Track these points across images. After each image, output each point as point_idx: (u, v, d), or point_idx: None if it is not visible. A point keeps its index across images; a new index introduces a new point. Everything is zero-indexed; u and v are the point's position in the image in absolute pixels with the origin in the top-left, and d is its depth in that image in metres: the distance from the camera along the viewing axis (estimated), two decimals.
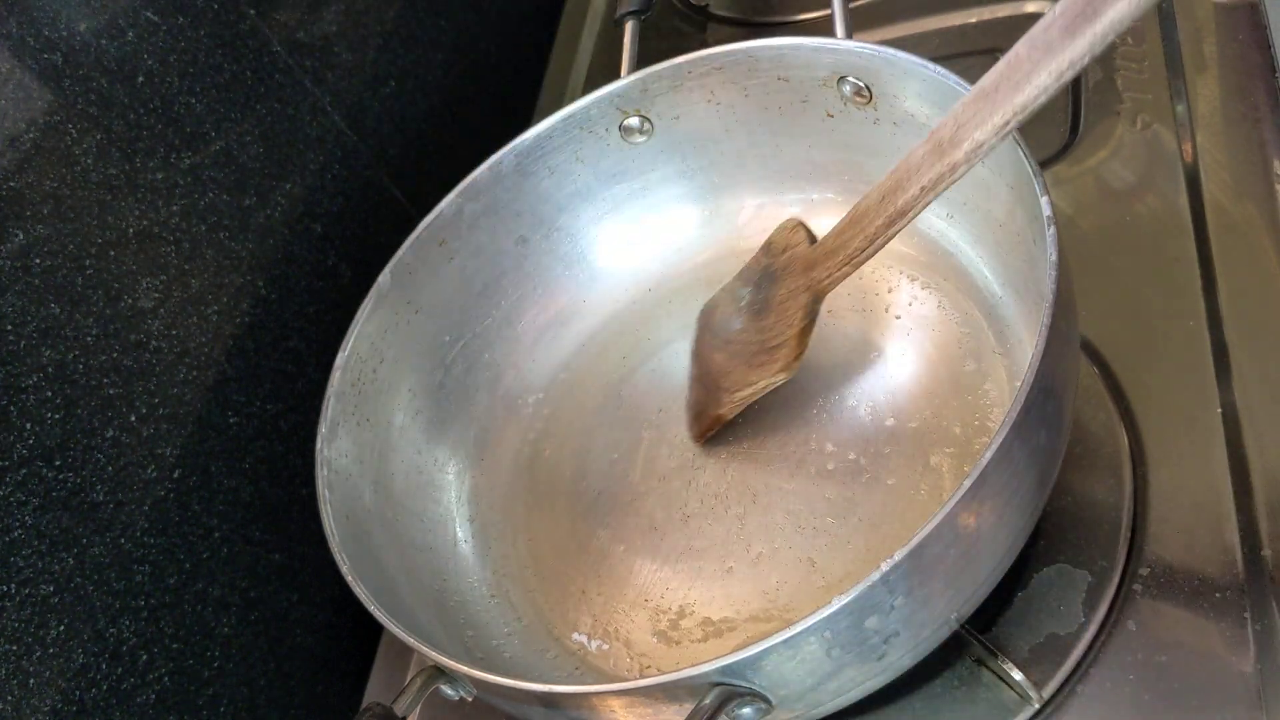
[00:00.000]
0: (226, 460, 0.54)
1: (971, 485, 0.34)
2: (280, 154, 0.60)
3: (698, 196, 0.62)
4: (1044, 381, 0.36)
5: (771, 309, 0.52)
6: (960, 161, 0.41)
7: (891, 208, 0.44)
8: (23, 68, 0.47)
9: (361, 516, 0.50)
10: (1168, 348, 0.50)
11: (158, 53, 0.53)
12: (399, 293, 0.56)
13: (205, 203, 0.55)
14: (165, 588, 0.49)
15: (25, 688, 0.42)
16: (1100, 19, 0.35)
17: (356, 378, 0.53)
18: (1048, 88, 0.37)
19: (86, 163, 0.49)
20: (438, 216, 0.57)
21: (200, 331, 0.53)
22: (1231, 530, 0.44)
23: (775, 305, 0.51)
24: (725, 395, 0.53)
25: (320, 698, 0.58)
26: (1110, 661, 0.43)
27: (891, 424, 0.50)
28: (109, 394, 0.48)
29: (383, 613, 0.42)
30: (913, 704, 0.44)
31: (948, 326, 0.52)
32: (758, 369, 0.51)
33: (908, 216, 0.44)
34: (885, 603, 0.35)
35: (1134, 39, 0.62)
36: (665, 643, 0.48)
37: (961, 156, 0.41)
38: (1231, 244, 0.51)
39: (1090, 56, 0.36)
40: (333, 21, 0.66)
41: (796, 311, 0.50)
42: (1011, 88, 0.38)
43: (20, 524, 0.43)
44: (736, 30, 0.80)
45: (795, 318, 0.50)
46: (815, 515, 0.49)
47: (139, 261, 0.51)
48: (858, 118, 0.52)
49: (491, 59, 0.82)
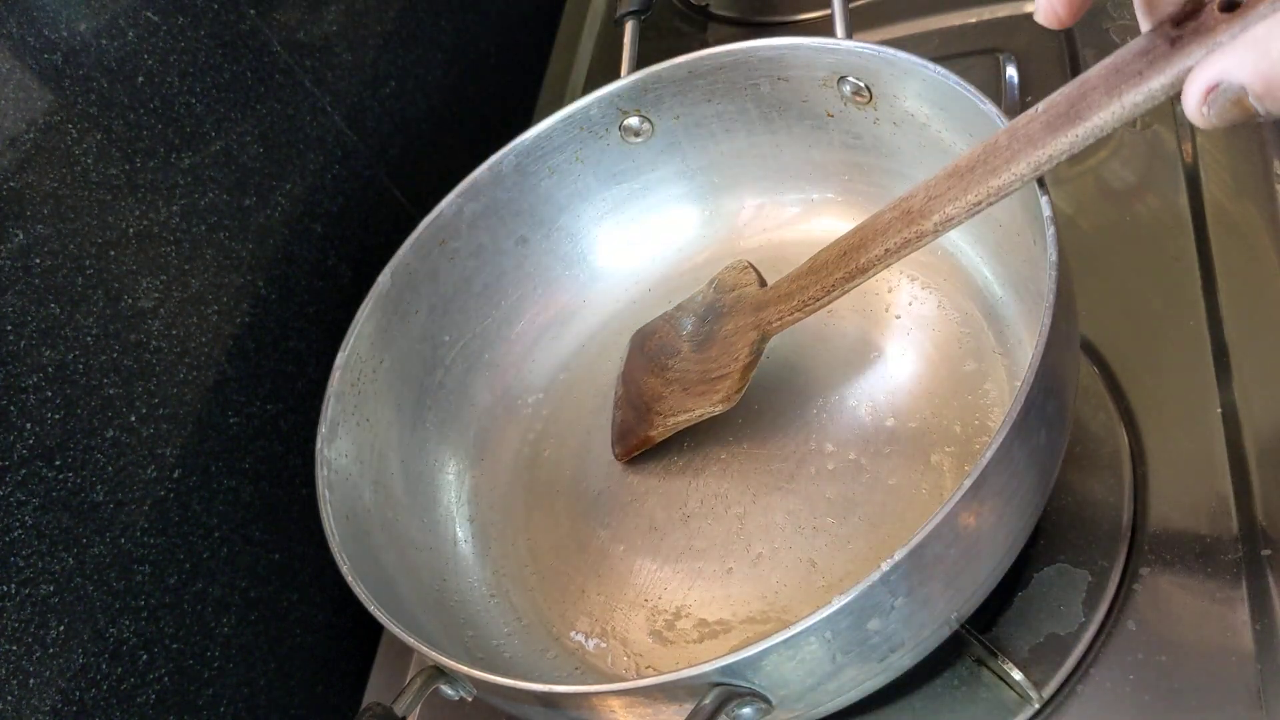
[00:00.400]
0: (226, 460, 0.54)
1: (971, 485, 0.34)
2: (280, 154, 0.60)
3: (698, 196, 0.62)
4: (1044, 381, 0.36)
5: (716, 342, 0.53)
6: (928, 232, 0.42)
7: (852, 264, 0.45)
8: (23, 68, 0.47)
9: (361, 516, 0.50)
10: (1168, 348, 0.50)
11: (158, 53, 0.53)
12: (399, 293, 0.56)
13: (205, 203, 0.55)
14: (165, 588, 0.49)
15: (25, 688, 0.42)
16: (1083, 123, 0.36)
17: (356, 378, 0.53)
18: (1024, 177, 0.38)
19: (86, 163, 0.49)
20: (438, 216, 0.57)
21: (200, 331, 0.53)
22: (1231, 530, 0.44)
23: (720, 339, 0.53)
24: (658, 418, 0.54)
25: (320, 698, 0.58)
26: (1110, 661, 0.43)
27: (892, 424, 0.50)
28: (109, 394, 0.48)
29: (383, 613, 0.42)
30: (913, 704, 0.44)
31: (948, 326, 0.52)
32: (697, 397, 0.52)
33: (867, 275, 0.45)
34: (885, 603, 0.35)
35: (1134, 38, 0.62)
36: (661, 643, 0.48)
37: (929, 227, 0.42)
38: (1231, 244, 0.51)
39: (1069, 155, 0.37)
40: (333, 21, 0.66)
41: (743, 348, 0.51)
42: (988, 172, 0.39)
43: (20, 524, 0.43)
44: (736, 30, 0.80)
45: (741, 353, 0.51)
46: (815, 515, 0.49)
47: (139, 261, 0.51)
48: (858, 118, 0.52)
49: (491, 59, 0.82)
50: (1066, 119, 0.36)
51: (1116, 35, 0.62)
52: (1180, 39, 0.33)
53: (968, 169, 0.40)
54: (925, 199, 0.41)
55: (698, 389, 0.52)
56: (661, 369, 0.55)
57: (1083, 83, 0.36)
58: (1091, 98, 0.35)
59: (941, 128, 0.48)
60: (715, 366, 0.52)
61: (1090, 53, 0.62)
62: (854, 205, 0.57)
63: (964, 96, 0.44)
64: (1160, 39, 0.34)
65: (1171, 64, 0.33)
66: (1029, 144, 0.37)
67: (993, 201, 0.39)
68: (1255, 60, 0.30)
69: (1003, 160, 0.38)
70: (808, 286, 0.48)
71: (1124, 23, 0.63)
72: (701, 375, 0.53)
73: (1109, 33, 0.63)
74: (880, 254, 0.44)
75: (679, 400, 0.53)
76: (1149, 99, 0.34)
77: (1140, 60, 0.34)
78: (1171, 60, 0.33)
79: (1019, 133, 0.38)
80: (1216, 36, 0.32)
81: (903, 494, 0.48)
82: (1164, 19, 0.34)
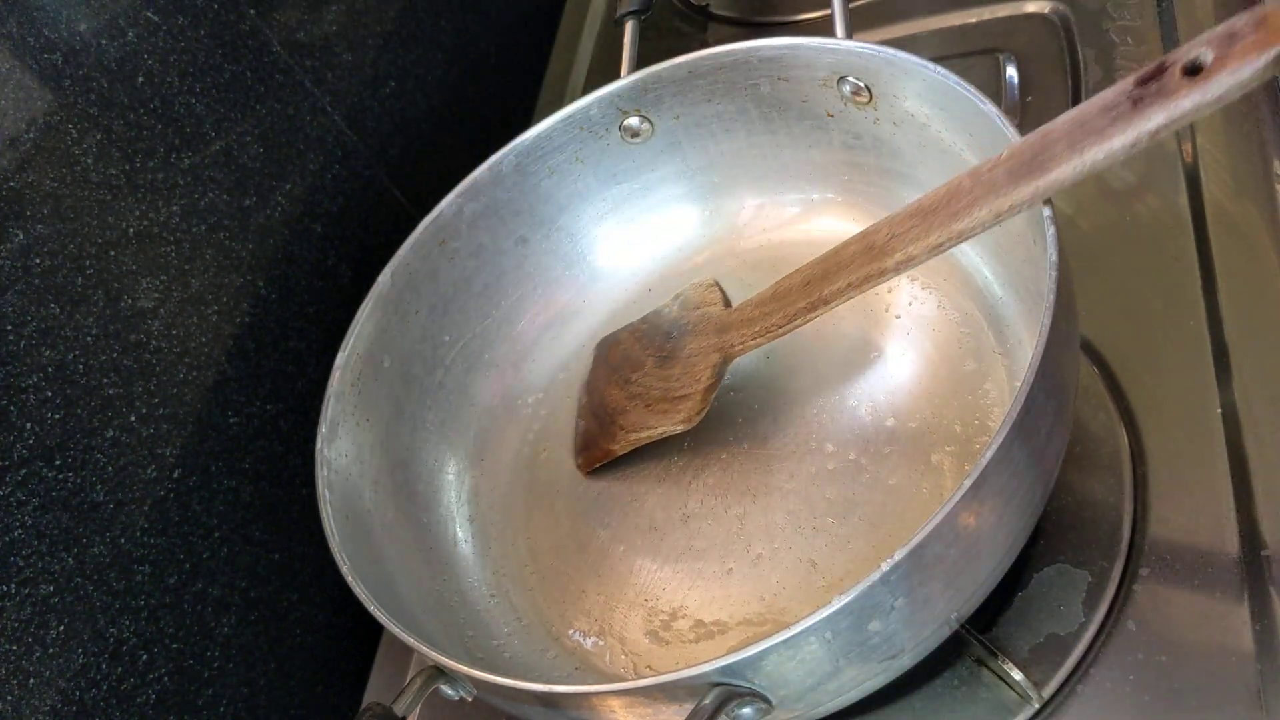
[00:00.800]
0: (226, 460, 0.54)
1: (971, 485, 0.34)
2: (280, 154, 0.60)
3: (698, 196, 0.62)
4: (1044, 381, 0.36)
5: (679, 360, 0.53)
6: (889, 269, 0.43)
7: (815, 294, 0.46)
8: (23, 68, 0.47)
9: (361, 516, 0.50)
10: (1168, 348, 0.50)
11: (158, 53, 0.53)
12: (399, 293, 0.56)
13: (205, 203, 0.55)
14: (165, 588, 0.49)
15: (25, 688, 0.42)
16: (1045, 175, 0.36)
17: (356, 378, 0.53)
18: (986, 223, 0.39)
19: (86, 163, 0.49)
20: (438, 216, 0.57)
21: (200, 331, 0.53)
22: (1231, 530, 0.44)
23: (683, 358, 0.53)
24: (620, 432, 0.54)
25: (320, 698, 0.58)
26: (1110, 661, 0.43)
27: (891, 424, 0.50)
28: (109, 394, 0.48)
29: (383, 613, 0.42)
30: (913, 704, 0.44)
31: (948, 326, 0.52)
32: (659, 415, 0.53)
33: (829, 306, 0.46)
34: (885, 603, 0.35)
35: (1134, 39, 0.62)
36: (658, 643, 0.48)
37: (891, 265, 0.42)
38: (1231, 244, 0.51)
39: (1030, 206, 0.38)
40: (333, 21, 0.66)
41: (705, 369, 0.51)
42: (950, 215, 0.40)
43: (20, 524, 0.43)
44: (736, 30, 0.80)
45: (703, 375, 0.51)
46: (815, 515, 0.49)
47: (139, 261, 0.51)
48: (858, 118, 0.52)
49: (491, 59, 0.82)
50: (1029, 169, 0.37)
51: (1116, 35, 0.62)
52: (1143, 100, 0.34)
53: (931, 209, 0.40)
54: (889, 235, 0.42)
55: (660, 406, 0.53)
56: (625, 381, 0.56)
57: (1046, 133, 0.37)
58: (1054, 150, 0.36)
59: (941, 128, 0.48)
60: (678, 385, 0.53)
61: (1090, 52, 0.62)
62: (854, 205, 0.57)
63: (964, 96, 0.44)
64: (1124, 96, 0.34)
65: (1132, 124, 0.34)
66: (991, 190, 0.38)
67: (954, 243, 0.40)
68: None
69: (965, 204, 0.39)
70: (771, 313, 0.49)
71: (1124, 23, 0.63)
72: (664, 393, 0.53)
73: (1109, 33, 0.63)
74: (843, 286, 0.45)
75: (641, 416, 0.53)
76: (1109, 158, 0.35)
77: (1103, 117, 0.35)
78: (1133, 121, 0.34)
79: (982, 177, 0.39)
80: (1178, 100, 0.33)
81: (903, 494, 0.48)
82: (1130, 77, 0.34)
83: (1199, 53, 0.33)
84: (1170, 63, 0.33)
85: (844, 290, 0.45)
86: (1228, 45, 0.32)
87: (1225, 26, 0.32)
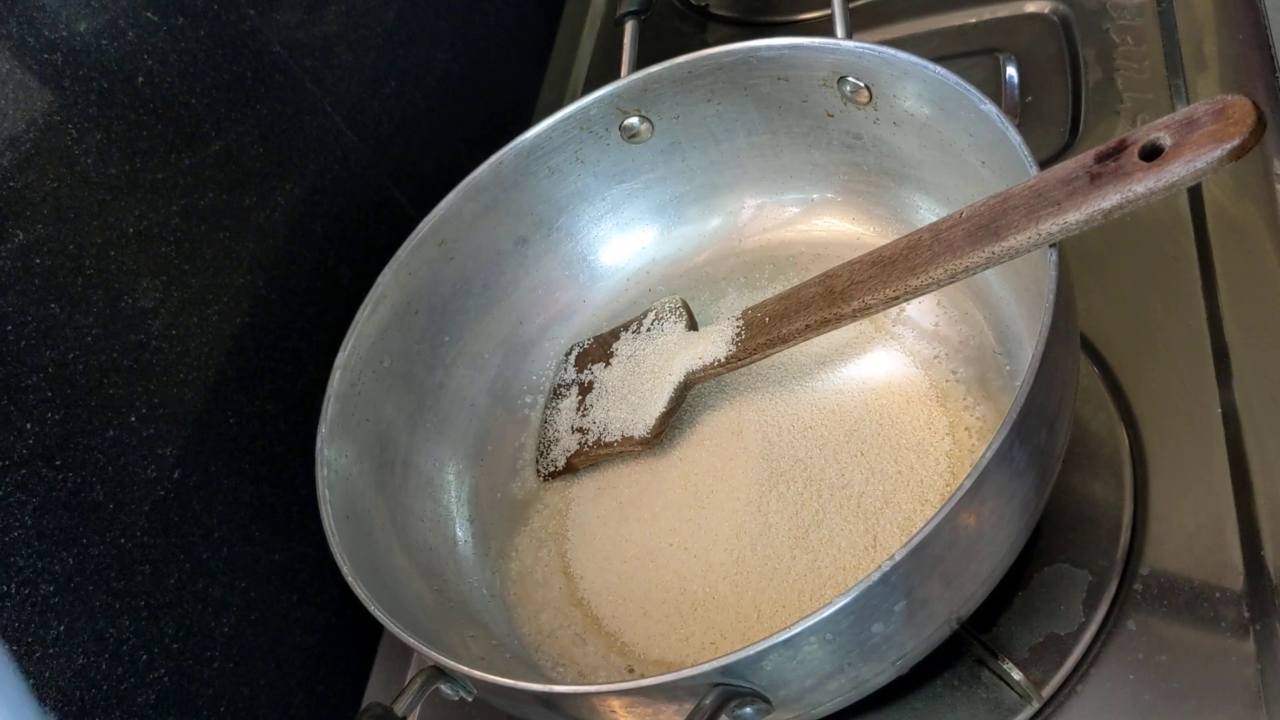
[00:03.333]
0: (226, 460, 0.54)
1: (972, 485, 0.34)
2: (280, 154, 0.60)
3: (698, 196, 0.62)
4: (1044, 381, 0.36)
5: (642, 378, 0.55)
6: (846, 315, 0.44)
7: (774, 333, 0.48)
8: (23, 68, 0.47)
9: (361, 516, 0.50)
10: (1168, 348, 0.50)
11: (158, 53, 0.53)
12: (399, 293, 0.56)
13: (205, 203, 0.55)
14: (165, 588, 0.49)
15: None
16: (1000, 242, 0.37)
17: (356, 378, 0.53)
18: (940, 281, 0.40)
19: (86, 163, 0.49)
20: (438, 216, 0.57)
21: (200, 331, 0.53)
22: (1231, 530, 0.44)
23: (647, 375, 0.54)
24: (582, 444, 0.55)
25: (320, 698, 0.58)
26: (1110, 661, 0.43)
27: (891, 423, 0.50)
28: (109, 394, 0.48)
29: (383, 613, 0.42)
30: (913, 704, 0.44)
31: (948, 325, 0.52)
32: (619, 431, 0.54)
33: (787, 344, 0.48)
34: (885, 603, 0.35)
35: (1134, 39, 0.62)
36: (657, 643, 0.48)
37: (848, 311, 0.44)
38: (1231, 244, 0.51)
39: (986, 269, 0.39)
40: (333, 21, 0.66)
41: (665, 391, 0.53)
42: (908, 270, 0.41)
43: (20, 524, 0.43)
44: (736, 30, 0.80)
45: (663, 397, 0.53)
46: (814, 515, 0.49)
47: (139, 261, 0.51)
48: (858, 118, 0.52)
49: (491, 59, 0.82)
50: (986, 233, 0.38)
51: (1116, 35, 0.62)
52: (1100, 177, 0.34)
53: (890, 260, 0.41)
54: (848, 282, 0.44)
55: (621, 422, 0.54)
56: (588, 390, 0.56)
57: (1006, 198, 0.37)
58: (1011, 217, 0.37)
59: (941, 128, 0.48)
60: (640, 403, 0.53)
61: (1090, 52, 0.62)
62: (854, 205, 0.57)
63: (964, 96, 0.44)
64: (1083, 170, 0.35)
65: (1088, 201, 0.35)
66: (949, 250, 0.39)
67: (910, 298, 0.41)
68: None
69: (923, 260, 0.40)
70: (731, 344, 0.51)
71: (1124, 23, 0.63)
72: (627, 409, 0.54)
73: (1109, 33, 0.63)
74: (800, 327, 0.46)
75: (602, 430, 0.54)
76: (1063, 231, 0.36)
77: (1061, 189, 0.36)
78: (1089, 197, 0.35)
79: (941, 235, 0.39)
80: (1131, 184, 0.33)
81: (902, 493, 0.48)
82: (1090, 151, 0.35)
83: (1158, 135, 0.33)
84: (1131, 142, 0.34)
85: (802, 331, 0.46)
86: (1187, 133, 0.33)
87: (1186, 113, 0.33)
